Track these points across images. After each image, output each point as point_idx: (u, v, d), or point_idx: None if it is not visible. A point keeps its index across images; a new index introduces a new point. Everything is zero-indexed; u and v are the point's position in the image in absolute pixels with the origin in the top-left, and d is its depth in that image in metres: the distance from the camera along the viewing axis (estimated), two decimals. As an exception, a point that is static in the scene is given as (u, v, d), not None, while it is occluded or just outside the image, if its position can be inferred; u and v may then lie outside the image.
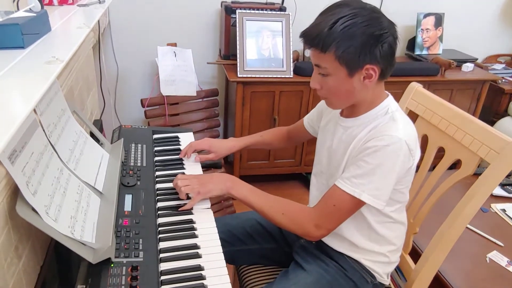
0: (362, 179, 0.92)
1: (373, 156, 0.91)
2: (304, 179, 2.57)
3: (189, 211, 1.02)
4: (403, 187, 1.00)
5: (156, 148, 1.30)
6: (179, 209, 1.01)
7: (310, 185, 1.19)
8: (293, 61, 2.23)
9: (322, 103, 1.20)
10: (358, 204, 0.95)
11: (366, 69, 0.91)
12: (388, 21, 0.91)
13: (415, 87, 1.23)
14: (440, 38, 2.64)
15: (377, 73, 0.92)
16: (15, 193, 0.73)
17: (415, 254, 1.19)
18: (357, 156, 0.94)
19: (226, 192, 1.04)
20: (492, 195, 1.68)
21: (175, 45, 2.28)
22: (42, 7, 1.08)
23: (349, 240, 1.05)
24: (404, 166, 0.94)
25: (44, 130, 0.85)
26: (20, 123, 0.60)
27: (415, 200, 1.19)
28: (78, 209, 0.85)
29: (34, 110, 0.82)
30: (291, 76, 2.19)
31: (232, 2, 2.27)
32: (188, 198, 1.05)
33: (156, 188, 1.09)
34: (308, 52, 2.35)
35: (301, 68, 2.21)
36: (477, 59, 2.64)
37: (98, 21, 1.76)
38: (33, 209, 0.71)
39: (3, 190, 0.69)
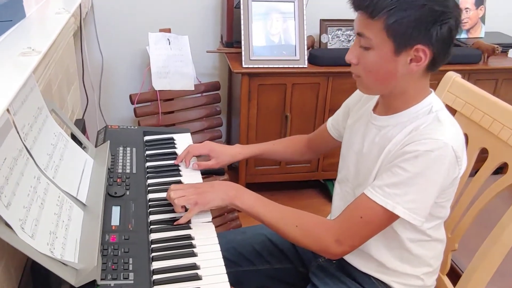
0: (397, 188, 0.91)
1: (413, 162, 0.90)
2: (322, 187, 2.57)
3: (186, 225, 1.02)
4: (444, 201, 1.00)
5: (147, 152, 1.31)
6: (174, 223, 1.02)
7: (333, 194, 1.18)
8: (308, 48, 2.24)
9: (349, 100, 1.20)
10: (390, 218, 0.94)
11: (416, 50, 0.90)
12: (454, 2, 0.90)
13: (453, 77, 1.23)
14: (482, 19, 2.62)
15: (428, 57, 0.91)
16: (-15, 205, 0.74)
17: (454, 275, 1.19)
18: (393, 161, 0.94)
19: (228, 203, 1.04)
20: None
21: (169, 31, 2.29)
22: (15, -10, 1.10)
23: (377, 259, 1.05)
24: (448, 177, 0.93)
25: (18, 132, 0.86)
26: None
27: (453, 211, 1.18)
28: (58, 224, 0.86)
29: (7, 109, 0.84)
30: (305, 66, 2.20)
31: (236, -20, 2.28)
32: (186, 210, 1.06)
33: (148, 198, 1.10)
34: (325, 38, 2.35)
35: (317, 56, 2.21)
36: (526, 43, 2.62)
37: (80, 4, 1.79)
38: (7, 224, 0.73)
39: (-28, 202, 0.71)
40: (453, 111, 1.18)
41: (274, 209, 1.04)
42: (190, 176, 1.22)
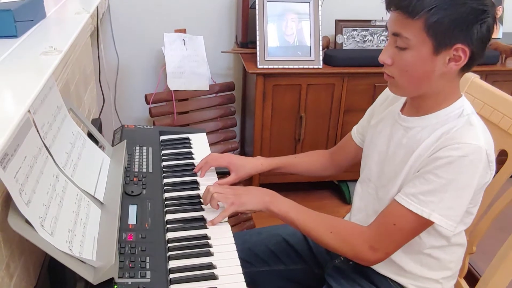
0: (432, 196, 0.90)
1: (447, 169, 0.89)
2: (335, 188, 2.56)
3: (202, 225, 1.03)
4: (472, 206, 0.99)
5: (163, 152, 1.32)
6: (208, 222, 1.03)
7: (354, 194, 1.17)
8: (323, 49, 2.23)
9: (373, 104, 1.18)
10: (424, 224, 0.94)
11: (455, 49, 0.88)
12: (491, 1, 0.89)
13: (471, 78, 1.21)
14: (500, 20, 2.59)
15: (467, 57, 0.89)
16: (6, 202, 0.75)
17: (472, 278, 1.17)
18: (425, 168, 0.92)
19: (263, 208, 1.05)
20: None
21: (184, 31, 2.30)
22: (35, -10, 1.11)
23: (395, 262, 1.04)
24: (481, 181, 0.92)
25: (38, 131, 0.88)
26: (15, 126, 0.62)
27: (471, 213, 1.17)
28: (76, 222, 0.87)
29: (27, 108, 0.85)
30: (320, 67, 2.19)
31: (251, -19, 2.28)
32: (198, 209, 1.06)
33: (164, 197, 1.11)
34: (340, 38, 2.34)
35: (332, 57, 2.20)
36: (545, 44, 2.58)
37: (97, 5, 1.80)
38: (27, 221, 0.73)
39: (-6, 199, 0.72)
40: (471, 113, 1.17)
41: (308, 215, 1.04)
42: (206, 175, 1.23)
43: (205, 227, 1.02)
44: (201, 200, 1.10)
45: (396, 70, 0.94)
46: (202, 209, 1.08)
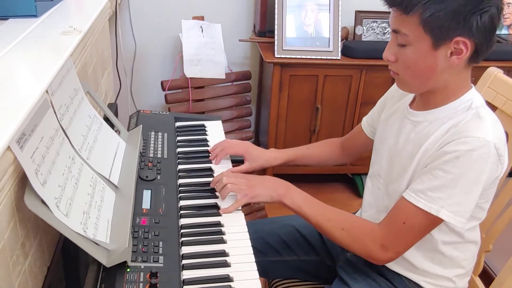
0: (440, 192, 0.89)
1: (455, 163, 0.87)
2: (349, 181, 2.54)
3: (216, 212, 1.03)
4: (483, 201, 0.97)
5: (179, 138, 1.31)
6: (220, 210, 1.02)
7: (364, 188, 1.16)
8: (342, 40, 2.21)
9: (385, 95, 1.17)
10: (434, 222, 0.92)
11: (455, 42, 0.86)
12: None
13: (494, 73, 1.18)
14: (525, 15, 2.53)
15: (469, 49, 0.87)
16: (22, 182, 0.75)
17: (487, 277, 1.16)
18: (433, 163, 0.91)
19: (277, 200, 1.04)
20: None
21: (202, 18, 2.29)
22: (55, -29, 1.11)
23: (407, 259, 1.03)
24: (491, 176, 0.90)
25: (55, 112, 0.88)
26: (32, 106, 0.62)
27: (489, 211, 1.14)
28: (91, 204, 0.87)
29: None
30: (339, 58, 2.16)
31: (271, -31, 2.26)
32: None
33: (178, 183, 1.11)
34: (360, 29, 2.31)
35: (351, 48, 2.17)
36: None
37: (116, -11, 1.80)
38: (42, 202, 0.74)
39: (10, 179, 0.72)
40: (493, 108, 1.14)
41: (321, 210, 1.03)
42: (220, 163, 1.22)
43: (219, 214, 1.02)
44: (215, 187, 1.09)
45: (400, 66, 0.94)
46: (216, 196, 1.07)
